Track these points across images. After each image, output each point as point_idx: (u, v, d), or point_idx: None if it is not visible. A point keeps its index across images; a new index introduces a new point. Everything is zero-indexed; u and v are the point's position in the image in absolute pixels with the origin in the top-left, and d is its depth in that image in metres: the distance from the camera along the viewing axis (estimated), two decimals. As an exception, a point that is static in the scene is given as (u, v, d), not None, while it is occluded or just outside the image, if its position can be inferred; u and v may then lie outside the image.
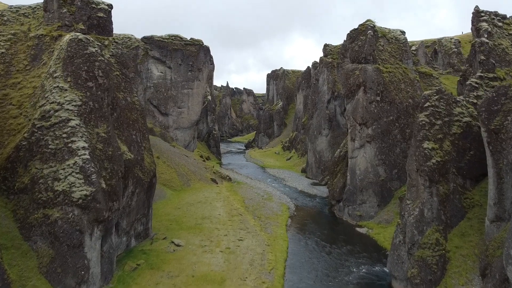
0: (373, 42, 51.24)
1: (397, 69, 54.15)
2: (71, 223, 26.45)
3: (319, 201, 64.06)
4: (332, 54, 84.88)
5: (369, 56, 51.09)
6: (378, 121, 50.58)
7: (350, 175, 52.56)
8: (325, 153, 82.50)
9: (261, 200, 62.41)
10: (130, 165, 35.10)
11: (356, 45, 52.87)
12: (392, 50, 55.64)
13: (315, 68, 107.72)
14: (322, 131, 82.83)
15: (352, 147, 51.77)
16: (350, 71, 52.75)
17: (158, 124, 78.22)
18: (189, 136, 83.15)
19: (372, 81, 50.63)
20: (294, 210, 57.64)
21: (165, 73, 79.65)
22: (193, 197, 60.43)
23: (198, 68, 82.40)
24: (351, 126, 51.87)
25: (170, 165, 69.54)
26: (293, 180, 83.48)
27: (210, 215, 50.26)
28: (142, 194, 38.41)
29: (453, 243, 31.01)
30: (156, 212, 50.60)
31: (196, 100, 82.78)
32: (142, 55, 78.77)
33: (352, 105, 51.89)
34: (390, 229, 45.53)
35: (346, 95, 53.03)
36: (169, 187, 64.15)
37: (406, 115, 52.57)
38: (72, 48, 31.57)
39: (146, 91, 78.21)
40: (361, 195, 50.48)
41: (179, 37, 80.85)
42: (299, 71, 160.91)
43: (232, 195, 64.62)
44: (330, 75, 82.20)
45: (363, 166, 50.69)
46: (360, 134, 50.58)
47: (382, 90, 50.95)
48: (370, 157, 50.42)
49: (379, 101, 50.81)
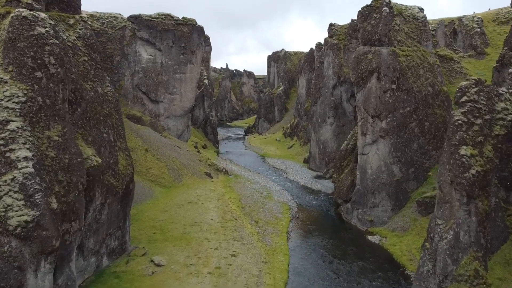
0: (388, 21, 44.10)
1: (415, 52, 47.14)
2: (6, 258, 20.33)
3: (323, 199, 57.97)
4: (338, 35, 77.42)
5: (384, 38, 44.04)
6: (393, 113, 43.93)
7: (360, 174, 46.23)
8: (329, 143, 76.05)
9: (259, 198, 56.35)
10: (97, 173, 28.79)
11: (368, 24, 45.73)
12: (409, 30, 48.49)
13: (319, 50, 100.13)
14: (327, 119, 76.14)
15: (362, 143, 45.28)
16: (361, 55, 45.80)
17: (147, 112, 71.63)
18: (182, 125, 76.63)
19: (387, 66, 43.74)
20: (296, 211, 51.61)
21: (155, 56, 72.56)
22: (184, 195, 54.38)
23: (192, 51, 75.20)
24: (362, 119, 45.26)
25: (160, 159, 63.29)
26: (294, 172, 77.32)
27: (201, 220, 44.23)
28: (115, 204, 32.25)
29: (495, 274, 24.90)
30: (139, 217, 44.70)
31: (189, 86, 75.90)
32: (129, 37, 71.53)
33: (364, 94, 45.15)
34: (407, 239, 39.53)
35: (356, 82, 46.22)
36: (158, 183, 58.06)
37: (425, 106, 45.87)
38: (14, 29, 24.81)
39: (134, 76, 71.30)
40: (372, 198, 44.28)
41: (170, 16, 73.38)
42: (301, 53, 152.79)
43: (227, 193, 58.57)
44: (336, 58, 74.96)
45: (376, 165, 44.32)
46: (373, 128, 44.01)
47: (398, 77, 44.11)
48: (383, 154, 43.98)
49: (395, 89, 44.04)
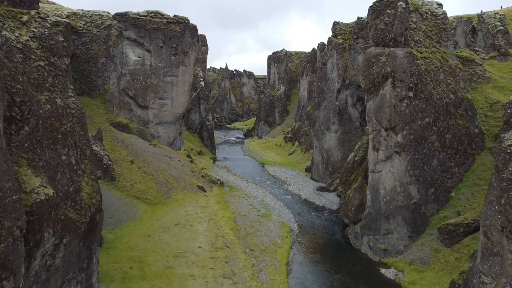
0: (405, 18, 37.97)
1: (434, 53, 41.02)
2: None
3: (328, 218, 51.89)
4: (343, 34, 71.31)
5: (400, 37, 37.92)
6: (410, 125, 37.82)
7: (371, 194, 40.15)
8: (334, 152, 69.96)
9: (256, 217, 50.31)
10: (46, 208, 22.75)
11: (381, 22, 39.60)
12: (427, 28, 42.35)
13: (322, 50, 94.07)
14: (331, 126, 70.04)
15: (374, 159, 39.18)
16: (373, 57, 39.70)
17: (135, 119, 65.60)
18: (174, 132, 70.61)
19: (403, 70, 37.63)
20: (297, 234, 45.56)
21: (143, 58, 66.52)
22: (171, 215, 48.36)
23: (184, 51, 69.15)
24: (373, 131, 39.15)
25: (147, 171, 57.27)
26: (296, 183, 71.27)
27: (187, 249, 38.18)
28: (75, 243, 26.21)
29: None
30: (117, 244, 38.71)
31: (181, 90, 69.85)
32: (115, 36, 65.52)
33: (375, 102, 39.05)
34: (429, 276, 33.43)
35: (367, 89, 40.12)
36: (144, 200, 52.05)
37: (446, 116, 39.74)
38: None
39: (120, 80, 65.28)
40: (386, 223, 38.19)
41: (159, 14, 67.34)
42: (302, 53, 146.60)
43: (221, 210, 52.55)
44: (341, 59, 68.84)
45: (390, 185, 38.21)
46: (387, 142, 37.90)
47: (416, 83, 38.00)
48: (399, 173, 37.88)
49: (412, 97, 37.94)
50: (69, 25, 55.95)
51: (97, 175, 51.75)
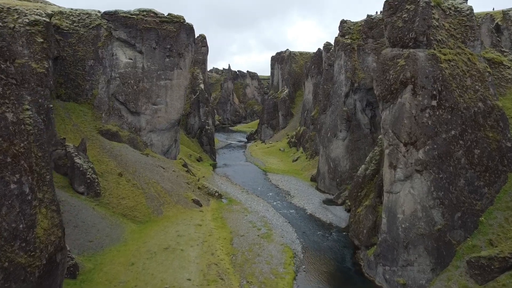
0: (428, 14, 32.55)
1: (459, 55, 35.58)
2: None
3: (336, 239, 46.55)
4: (351, 34, 65.88)
5: (422, 36, 32.52)
6: (433, 139, 32.41)
7: (387, 218, 34.78)
8: (341, 161, 64.58)
9: (256, 238, 45.11)
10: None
11: (399, 19, 34.19)
12: (451, 26, 36.90)
13: (328, 51, 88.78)
14: (338, 133, 64.67)
15: (391, 178, 33.80)
16: (390, 60, 34.32)
17: (126, 126, 60.56)
18: (169, 140, 65.53)
19: (425, 75, 32.24)
20: (301, 260, 40.30)
21: (135, 60, 61.48)
22: (160, 236, 43.26)
23: (179, 53, 64.04)
24: (390, 146, 33.78)
25: (137, 184, 52.23)
26: (300, 194, 65.94)
27: (174, 282, 33.05)
28: (25, 293, 21.17)
29: None
30: (93, 276, 33.66)
31: (176, 94, 64.76)
32: (104, 37, 60.56)
33: (393, 112, 33.68)
34: (459, 322, 28.03)
35: (382, 97, 34.73)
36: (132, 218, 47.02)
37: (474, 128, 34.30)
38: None
39: (110, 84, 60.29)
40: (405, 253, 32.81)
41: (152, 13, 62.25)
42: (307, 53, 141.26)
43: (217, 229, 47.39)
44: (349, 60, 63.44)
45: (410, 208, 32.83)
46: (406, 160, 32.53)
47: (440, 90, 32.61)
48: (420, 195, 32.49)
49: (436, 107, 32.54)
50: (50, 25, 50.81)
51: (81, 191, 47.15)
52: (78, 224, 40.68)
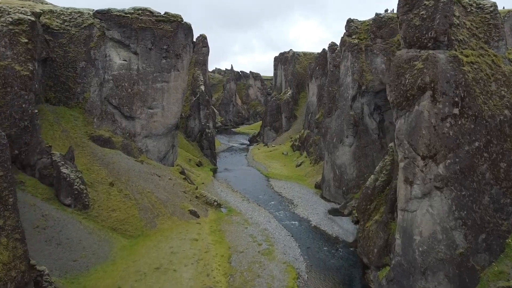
0: (449, 11, 28.90)
1: (482, 57, 31.90)
2: None
3: (343, 256, 42.94)
4: (358, 33, 62.17)
5: (443, 36, 28.87)
6: (455, 152, 28.75)
7: (401, 239, 31.15)
8: (348, 168, 60.89)
9: (256, 255, 41.56)
10: None
11: (416, 16, 30.53)
12: (473, 25, 33.22)
13: (333, 52, 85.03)
14: (345, 138, 60.99)
15: (407, 195, 30.16)
16: (405, 63, 30.68)
17: (119, 131, 57.16)
18: (165, 146, 62.08)
19: (446, 80, 28.59)
20: (306, 282, 36.78)
21: (129, 61, 58.06)
22: (152, 253, 39.81)
23: (176, 54, 60.59)
24: (405, 158, 30.14)
25: (130, 195, 48.82)
26: (304, 203, 62.33)
27: (164, 311, 29.60)
28: None
29: None
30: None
31: (174, 97, 61.31)
32: (97, 37, 57.22)
33: (408, 121, 30.03)
34: None
35: (396, 104, 31.09)
36: (122, 232, 43.61)
37: (500, 138, 30.60)
38: None
39: (102, 87, 56.93)
40: (423, 280, 29.17)
41: (148, 11, 58.80)
42: (311, 54, 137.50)
43: (214, 244, 43.87)
44: (356, 62, 59.75)
45: (428, 230, 29.19)
46: (424, 175, 28.89)
47: (462, 96, 28.94)
48: (440, 215, 28.84)
49: (458, 115, 28.88)
50: (35, 24, 47.28)
51: (68, 203, 43.75)
52: (61, 241, 37.29)
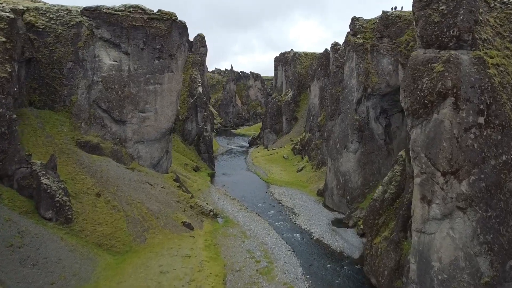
0: (475, 5, 25.27)
1: (508, 58, 28.28)
2: None
3: (349, 273, 39.31)
4: (364, 32, 58.53)
5: (467, 34, 25.26)
6: (480, 167, 25.13)
7: (417, 264, 27.52)
8: (352, 176, 57.26)
9: (254, 275, 37.94)
10: None
11: (435, 11, 26.91)
12: (497, 22, 29.59)
13: (336, 52, 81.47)
14: (349, 144, 57.36)
15: (424, 215, 26.53)
16: (422, 65, 27.06)
17: (109, 137, 53.57)
18: (159, 151, 58.48)
19: (470, 84, 24.97)
20: (309, 307, 33.13)
21: (120, 62, 54.50)
22: (140, 273, 36.20)
23: (170, 54, 57.00)
24: (423, 174, 26.52)
25: (118, 206, 45.25)
26: (306, 212, 58.70)
27: None
28: None
29: None
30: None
31: (167, 100, 57.71)
32: (85, 36, 53.66)
33: (426, 132, 26.40)
34: None
35: (412, 111, 27.46)
36: (108, 248, 40.00)
37: (529, 150, 26.91)
38: None
39: (91, 89, 53.35)
40: (443, 313, 25.53)
41: (140, 9, 55.20)
42: (312, 54, 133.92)
43: (209, 262, 40.23)
44: (362, 62, 56.12)
45: (449, 256, 25.56)
46: (445, 193, 25.26)
47: (488, 103, 25.31)
48: (463, 239, 25.22)
49: (483, 125, 25.23)
50: (15, 22, 43.57)
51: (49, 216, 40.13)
52: (38, 261, 33.67)
